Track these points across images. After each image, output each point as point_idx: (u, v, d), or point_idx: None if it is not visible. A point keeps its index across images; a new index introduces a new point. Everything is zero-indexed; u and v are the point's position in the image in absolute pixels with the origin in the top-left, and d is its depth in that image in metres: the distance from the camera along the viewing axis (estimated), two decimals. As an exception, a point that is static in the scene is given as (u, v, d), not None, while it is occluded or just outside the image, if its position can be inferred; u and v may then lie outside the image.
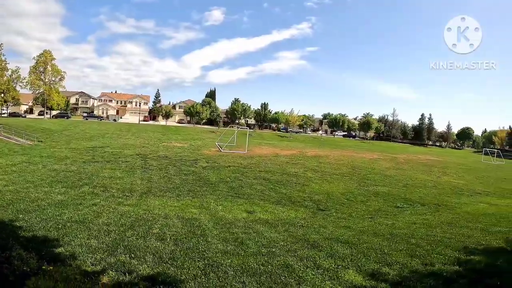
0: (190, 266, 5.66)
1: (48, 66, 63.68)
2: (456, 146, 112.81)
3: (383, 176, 27.28)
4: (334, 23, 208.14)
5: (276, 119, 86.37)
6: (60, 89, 68.61)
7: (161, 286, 4.69)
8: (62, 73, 66.66)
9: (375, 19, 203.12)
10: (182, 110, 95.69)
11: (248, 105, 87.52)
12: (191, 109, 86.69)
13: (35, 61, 64.17)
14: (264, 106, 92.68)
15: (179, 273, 5.33)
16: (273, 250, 6.83)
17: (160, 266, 5.61)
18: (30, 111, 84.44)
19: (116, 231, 7.95)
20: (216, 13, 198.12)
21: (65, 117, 70.53)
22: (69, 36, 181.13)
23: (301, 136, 79.24)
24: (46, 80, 64.40)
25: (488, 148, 75.30)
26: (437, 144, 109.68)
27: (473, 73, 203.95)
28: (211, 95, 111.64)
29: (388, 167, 33.22)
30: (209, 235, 8.05)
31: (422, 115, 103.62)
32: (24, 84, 63.38)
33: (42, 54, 64.89)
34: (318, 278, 5.34)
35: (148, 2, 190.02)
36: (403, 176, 27.85)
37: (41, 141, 35.32)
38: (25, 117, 67.86)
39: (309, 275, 5.43)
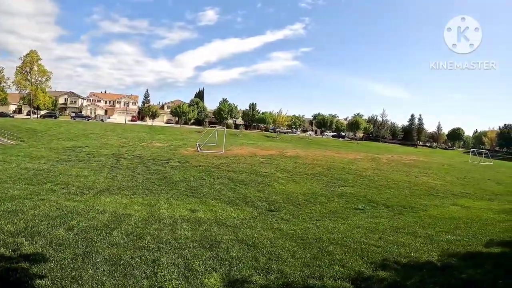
0: (69, 251, 6.20)
1: (35, 66, 63.74)
2: (447, 147, 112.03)
3: (357, 176, 26.00)
4: (328, 24, 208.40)
5: (263, 119, 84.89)
6: (48, 89, 69.88)
7: (25, 261, 5.49)
8: (48, 73, 67.37)
9: (369, 20, 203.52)
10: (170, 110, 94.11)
11: (235, 105, 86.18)
12: (178, 109, 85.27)
13: (22, 61, 64.04)
14: (252, 106, 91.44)
15: (53, 254, 5.98)
16: (161, 246, 6.91)
17: (44, 249, 6.27)
18: (19, 111, 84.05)
19: (37, 220, 8.55)
20: (210, 13, 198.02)
21: (53, 117, 70.40)
22: (62, 35, 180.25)
23: (289, 136, 78.09)
24: (33, 80, 64.47)
25: (478, 148, 74.53)
26: (427, 144, 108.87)
27: (466, 74, 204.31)
28: (200, 95, 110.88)
29: (366, 167, 31.87)
30: (118, 229, 8.16)
31: (412, 115, 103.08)
32: (9, 84, 64.13)
33: (29, 54, 64.66)
34: (179, 279, 5.27)
35: (142, 1, 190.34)
36: (378, 177, 26.55)
37: (23, 141, 35.45)
38: (12, 117, 67.82)
39: (170, 275, 5.42)
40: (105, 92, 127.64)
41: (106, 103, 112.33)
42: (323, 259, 6.37)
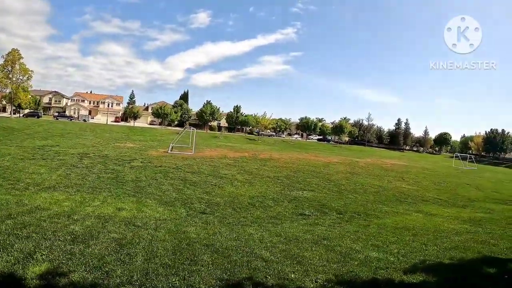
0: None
1: (16, 65, 62.90)
2: (434, 152, 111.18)
3: (323, 180, 24.30)
4: (319, 29, 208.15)
5: (245, 121, 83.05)
6: (32, 88, 69.92)
7: None
8: (30, 72, 66.36)
9: (359, 26, 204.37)
10: (152, 111, 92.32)
11: (217, 108, 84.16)
12: (159, 110, 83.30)
13: (4, 59, 62.51)
14: (237, 109, 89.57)
15: None
16: (33, 235, 6.64)
17: None
18: (3, 109, 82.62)
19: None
20: (202, 16, 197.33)
21: (36, 116, 69.18)
22: (53, 35, 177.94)
23: (272, 139, 76.30)
24: (14, 79, 63.41)
25: (465, 153, 73.58)
26: (414, 149, 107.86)
27: (456, 79, 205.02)
28: (184, 97, 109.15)
29: (339, 171, 30.18)
30: (14, 219, 7.96)
31: (399, 120, 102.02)
32: (-12, 83, 63.14)
33: (10, 52, 63.17)
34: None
35: (134, 2, 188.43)
36: (347, 181, 24.84)
37: (-3, 139, 34.52)
38: (-5, 116, 66.30)
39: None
40: (91, 92, 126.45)
41: (90, 103, 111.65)
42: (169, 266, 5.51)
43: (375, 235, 9.59)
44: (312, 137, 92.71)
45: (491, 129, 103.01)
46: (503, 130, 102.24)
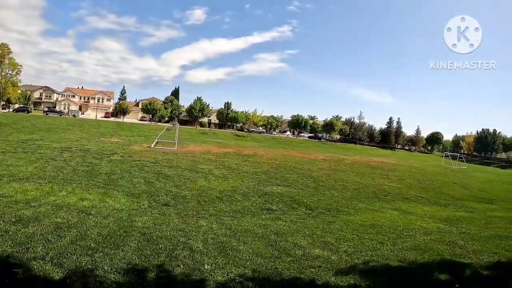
0: None
1: (5, 60, 62.25)
2: (426, 151, 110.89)
3: (303, 176, 23.42)
4: (315, 27, 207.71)
5: (235, 118, 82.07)
6: (23, 83, 69.52)
7: None
8: (19, 67, 67.39)
9: (355, 25, 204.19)
10: (141, 107, 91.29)
11: (207, 104, 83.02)
12: (149, 106, 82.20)
13: None
14: (227, 105, 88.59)
15: None
16: None
17: None
18: None
19: None
20: (198, 12, 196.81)
21: (25, 111, 68.96)
22: (48, 30, 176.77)
23: (261, 136, 75.50)
24: (3, 73, 62.74)
25: (456, 153, 73.27)
26: (406, 148, 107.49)
27: (449, 79, 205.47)
28: (175, 93, 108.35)
29: (322, 168, 29.40)
30: None
31: (390, 118, 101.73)
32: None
33: None
34: None
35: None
36: (328, 178, 24.01)
37: (-17, 133, 33.99)
38: (-16, 110, 66.87)
39: None
40: (82, 88, 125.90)
41: (81, 98, 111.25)
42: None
43: (333, 232, 8.84)
44: (303, 134, 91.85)
45: (483, 129, 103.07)
46: (494, 130, 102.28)
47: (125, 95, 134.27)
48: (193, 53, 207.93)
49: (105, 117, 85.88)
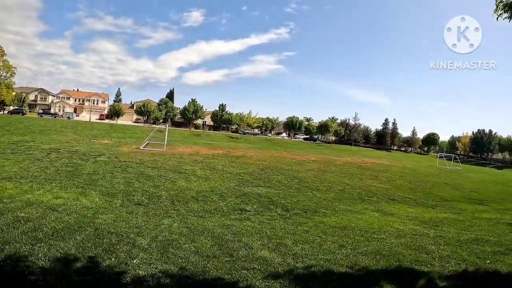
0: None
1: (0, 62, 61.45)
2: (422, 152, 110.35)
3: (288, 177, 22.90)
4: (312, 29, 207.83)
5: (229, 120, 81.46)
6: (17, 85, 68.48)
7: None
8: (13, 69, 67.15)
9: (352, 26, 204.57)
10: (135, 109, 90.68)
11: (200, 106, 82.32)
12: (142, 108, 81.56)
13: None
14: (222, 107, 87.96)
15: None
16: None
17: None
18: None
19: None
20: (195, 14, 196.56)
21: (20, 113, 68.40)
22: (45, 31, 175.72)
23: (256, 138, 74.89)
24: None
25: (452, 154, 72.80)
26: (402, 149, 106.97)
27: (448, 81, 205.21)
28: (170, 95, 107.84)
29: (310, 169, 28.85)
30: None
31: (386, 119, 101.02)
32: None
33: None
34: None
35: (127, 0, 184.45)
36: (315, 179, 23.50)
37: (-25, 136, 33.97)
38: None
39: None
40: (78, 90, 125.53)
41: (76, 100, 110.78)
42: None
43: (297, 233, 8.46)
44: (298, 136, 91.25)
45: (478, 129, 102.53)
46: (490, 130, 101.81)
47: (120, 97, 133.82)
48: (190, 55, 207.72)
49: (99, 119, 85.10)
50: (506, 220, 13.67)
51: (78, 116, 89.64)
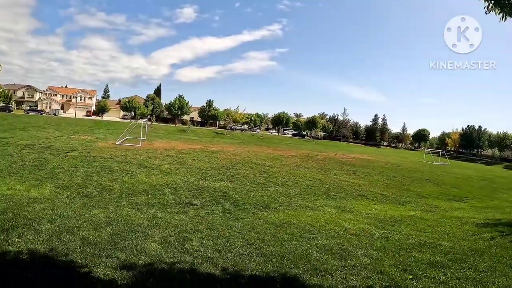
0: None
1: None
2: (413, 148, 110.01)
3: (257, 172, 22.13)
4: (305, 26, 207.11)
5: (215, 116, 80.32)
6: (5, 82, 68.44)
7: None
8: None
9: (345, 24, 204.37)
10: (120, 105, 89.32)
11: (186, 102, 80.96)
12: (127, 104, 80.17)
13: None
14: (209, 103, 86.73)
15: None
16: None
17: None
18: None
19: None
20: (188, 11, 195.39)
21: (7, 111, 68.80)
22: (37, 28, 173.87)
23: (242, 133, 74.03)
24: None
25: (442, 149, 72.32)
26: (393, 145, 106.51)
27: (440, 79, 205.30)
28: (158, 91, 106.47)
29: (286, 164, 28.07)
30: None
31: (376, 115, 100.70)
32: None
33: None
34: None
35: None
36: (286, 173, 22.67)
37: (-45, 133, 33.85)
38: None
39: None
40: (66, 86, 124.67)
41: (63, 97, 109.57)
42: None
43: (219, 229, 8.19)
44: (287, 132, 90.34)
45: (468, 125, 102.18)
46: (479, 126, 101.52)
47: (108, 93, 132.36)
48: (183, 52, 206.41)
49: (86, 115, 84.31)
50: (477, 219, 12.54)
51: (65, 112, 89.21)
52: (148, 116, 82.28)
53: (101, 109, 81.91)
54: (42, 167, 17.46)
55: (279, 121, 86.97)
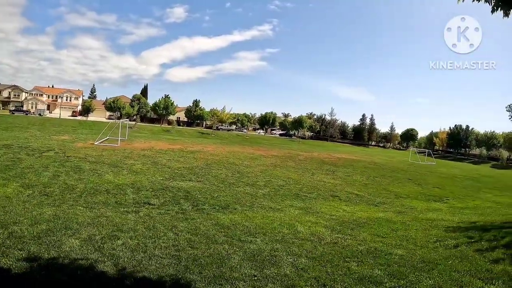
0: None
1: None
2: (401, 147, 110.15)
3: (230, 171, 21.60)
4: (295, 26, 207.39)
5: (200, 116, 79.39)
6: None
7: None
8: None
9: (335, 24, 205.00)
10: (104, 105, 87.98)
11: (171, 102, 79.87)
12: (112, 104, 78.92)
13: None
14: (196, 103, 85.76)
15: None
16: None
17: None
18: None
19: None
20: (179, 10, 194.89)
21: None
22: (27, 27, 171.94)
23: (228, 133, 73.41)
24: None
25: (430, 149, 72.30)
26: (381, 145, 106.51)
27: (432, 79, 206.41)
28: (144, 91, 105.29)
29: (263, 163, 27.56)
30: None
31: (363, 115, 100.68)
32: None
33: None
34: None
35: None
36: (261, 173, 22.11)
37: None
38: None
39: None
40: (53, 86, 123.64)
41: (49, 97, 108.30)
42: None
43: (161, 229, 8.04)
44: (275, 132, 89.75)
45: (455, 125, 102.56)
46: (467, 126, 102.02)
47: (95, 93, 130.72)
48: (173, 51, 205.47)
49: (72, 116, 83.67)
50: (450, 222, 11.67)
51: (51, 113, 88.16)
52: (134, 117, 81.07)
53: (86, 110, 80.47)
54: (14, 167, 17.23)
55: (265, 121, 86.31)
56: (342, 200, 16.74)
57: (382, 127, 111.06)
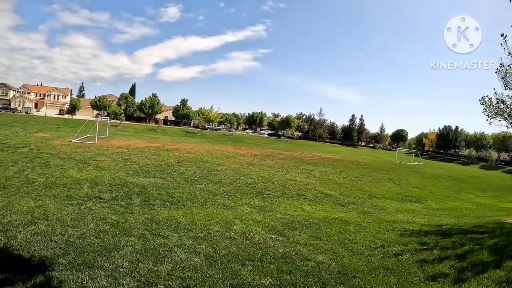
0: None
1: None
2: (391, 148, 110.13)
3: (200, 169, 21.20)
4: (289, 27, 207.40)
5: (187, 115, 78.63)
6: None
7: None
8: None
9: (328, 25, 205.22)
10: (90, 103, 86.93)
11: (158, 100, 79.03)
12: (98, 102, 77.95)
13: None
14: (183, 102, 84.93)
15: None
16: None
17: None
18: None
19: None
20: (172, 10, 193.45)
21: None
22: (19, 24, 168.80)
23: (214, 133, 72.83)
24: None
25: (419, 150, 72.23)
26: (371, 145, 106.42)
27: (422, 79, 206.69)
28: (132, 90, 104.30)
29: (239, 162, 27.24)
30: None
31: (353, 115, 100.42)
32: None
33: None
34: None
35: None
36: (232, 171, 21.65)
37: None
38: None
39: None
40: (41, 84, 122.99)
41: (36, 95, 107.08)
42: None
43: (87, 221, 7.95)
44: (264, 132, 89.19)
45: (445, 125, 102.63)
46: (456, 127, 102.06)
47: (83, 92, 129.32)
48: (166, 51, 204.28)
49: (59, 114, 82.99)
50: (414, 224, 10.63)
51: (38, 111, 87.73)
52: (120, 115, 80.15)
53: (72, 108, 79.50)
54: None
55: (253, 121, 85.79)
56: (308, 199, 16.22)
57: (372, 128, 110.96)
